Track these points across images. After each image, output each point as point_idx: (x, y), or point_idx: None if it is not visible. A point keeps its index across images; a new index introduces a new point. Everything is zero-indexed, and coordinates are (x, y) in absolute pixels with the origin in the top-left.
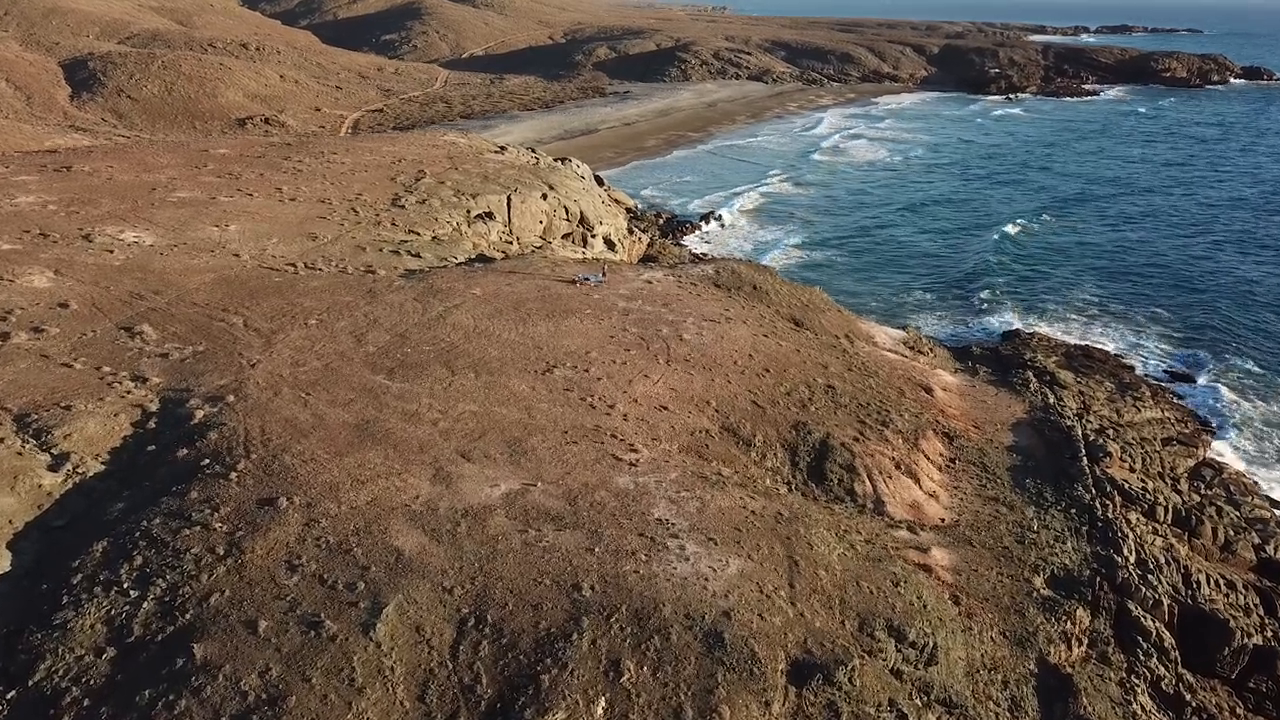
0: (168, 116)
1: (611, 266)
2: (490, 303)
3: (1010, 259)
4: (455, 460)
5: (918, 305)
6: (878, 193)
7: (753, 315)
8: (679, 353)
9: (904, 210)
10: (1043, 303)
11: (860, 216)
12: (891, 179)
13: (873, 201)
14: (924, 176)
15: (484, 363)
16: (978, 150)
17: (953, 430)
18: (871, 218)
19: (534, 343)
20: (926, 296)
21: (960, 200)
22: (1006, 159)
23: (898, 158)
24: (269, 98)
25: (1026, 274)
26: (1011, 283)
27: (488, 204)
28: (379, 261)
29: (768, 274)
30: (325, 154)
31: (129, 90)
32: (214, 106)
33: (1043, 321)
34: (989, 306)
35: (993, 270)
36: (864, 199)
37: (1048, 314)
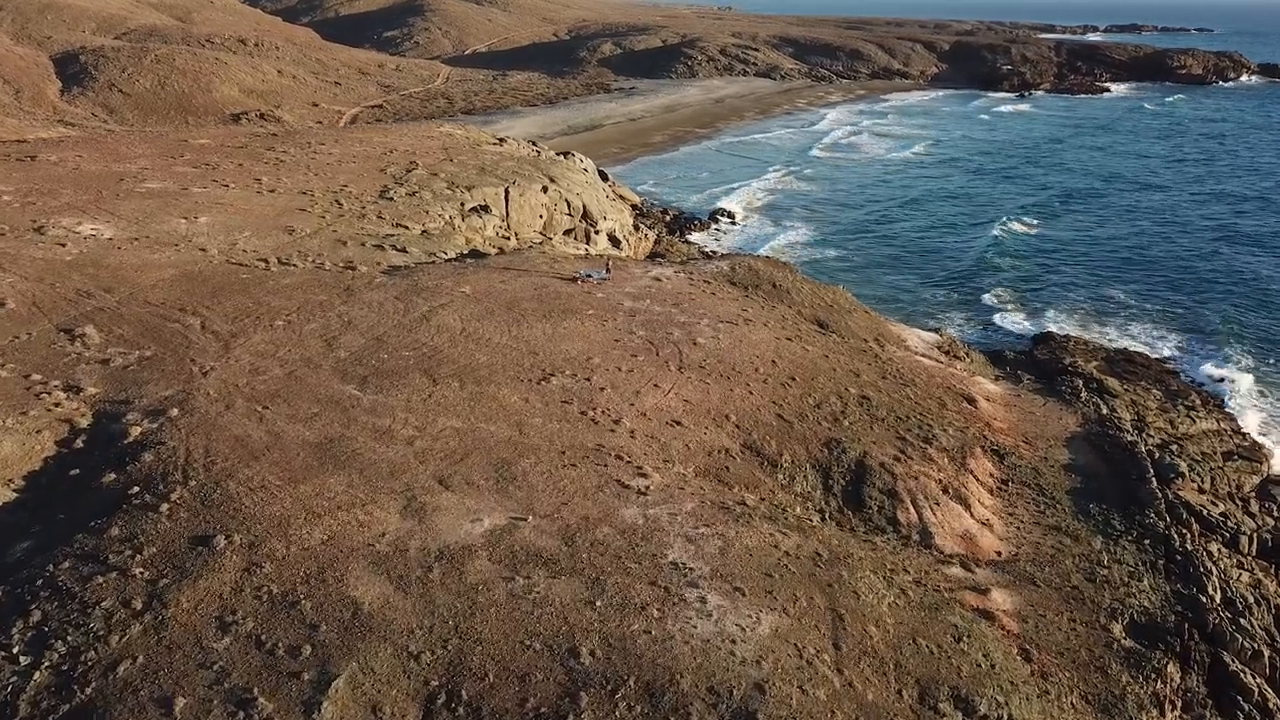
0: (160, 111)
1: (616, 262)
2: (481, 302)
3: (1024, 256)
4: (432, 488)
5: (941, 305)
6: (891, 189)
7: (774, 316)
8: (693, 359)
9: (915, 206)
10: (1064, 302)
11: (872, 213)
12: (905, 176)
13: (885, 198)
14: (939, 172)
15: (470, 370)
16: (994, 147)
17: (1002, 447)
18: (883, 214)
19: (528, 347)
20: (952, 296)
21: (972, 194)
22: (1026, 155)
23: (910, 154)
24: (265, 93)
25: (1040, 271)
26: (1027, 281)
27: (484, 197)
28: (360, 256)
29: (788, 271)
30: (312, 145)
31: (121, 85)
32: (208, 101)
33: (1069, 322)
34: (1008, 306)
35: (1004, 268)
36: (876, 195)
37: (1072, 314)
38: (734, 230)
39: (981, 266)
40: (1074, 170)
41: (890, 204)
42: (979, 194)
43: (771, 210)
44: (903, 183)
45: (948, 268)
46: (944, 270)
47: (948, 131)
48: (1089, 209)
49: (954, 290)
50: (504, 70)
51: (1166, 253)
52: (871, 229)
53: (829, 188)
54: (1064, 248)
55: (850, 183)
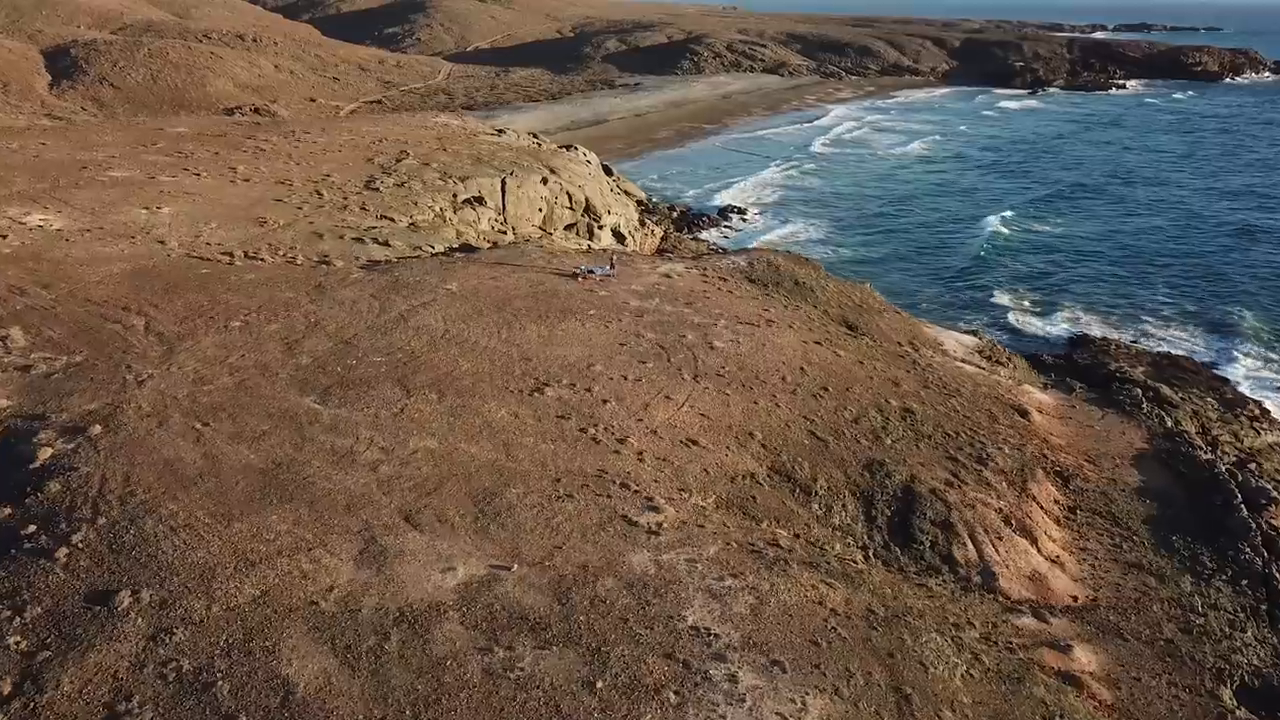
0: (152, 106)
1: (621, 257)
2: (468, 300)
3: (1043, 253)
4: (396, 526)
5: (962, 305)
6: (905, 186)
7: (798, 317)
8: (710, 365)
9: (929, 202)
10: (1082, 301)
11: (884, 210)
12: (919, 172)
13: (899, 194)
14: (954, 168)
15: (452, 379)
16: (1010, 143)
17: (1065, 468)
18: (895, 211)
19: (520, 352)
20: (972, 296)
21: (987, 189)
22: (1044, 150)
23: (925, 151)
24: (261, 88)
25: (1056, 269)
26: (1041, 279)
27: (478, 188)
28: (338, 250)
29: (810, 267)
30: (297, 134)
31: (112, 78)
32: (202, 96)
33: (1091, 322)
34: (1026, 305)
35: (1018, 264)
36: (890, 192)
37: (1092, 313)
38: (744, 227)
39: (995, 263)
40: (1093, 165)
41: (903, 200)
42: (993, 189)
43: (781, 207)
44: (917, 179)
45: (966, 265)
46: (957, 268)
47: (961, 128)
48: (1103, 205)
49: (971, 290)
50: (506, 67)
51: (1184, 248)
52: (883, 226)
53: (840, 184)
54: (1080, 244)
55: (862, 179)
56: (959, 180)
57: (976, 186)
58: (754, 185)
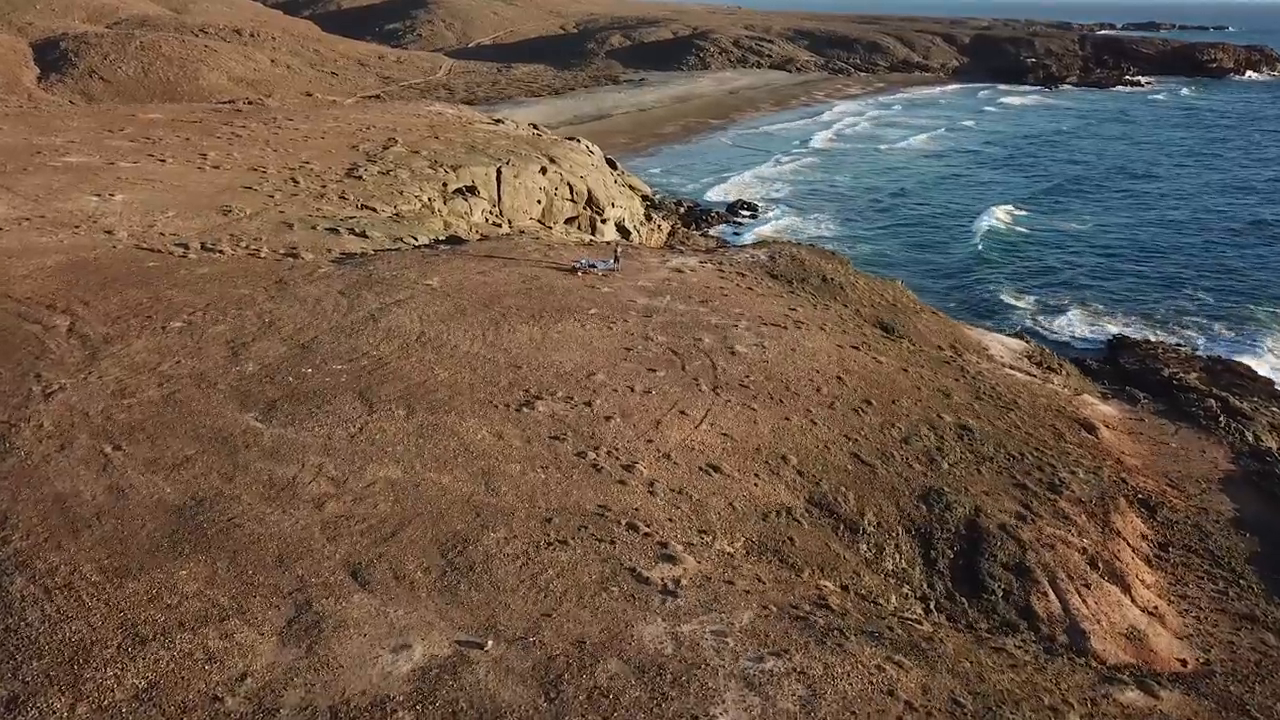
0: (142, 99)
1: (627, 250)
2: (450, 298)
3: (1067, 250)
4: (339, 585)
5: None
6: (918, 180)
7: (829, 318)
8: (732, 374)
9: (947, 197)
10: (1100, 299)
11: (900, 206)
12: (939, 167)
13: (915, 191)
14: (968, 163)
15: (425, 391)
16: (1030, 139)
17: (1148, 495)
18: (912, 207)
19: (509, 358)
20: (1003, 298)
21: (1004, 184)
22: (1070, 149)
23: (940, 147)
24: (256, 81)
25: (1074, 265)
26: (1053, 274)
27: (471, 177)
28: (308, 242)
29: (837, 262)
30: (278, 120)
31: (102, 71)
32: (194, 89)
33: (1115, 321)
34: (1051, 304)
35: (1034, 260)
36: (905, 187)
37: (1115, 313)
38: (756, 223)
39: (1006, 259)
40: (1110, 159)
41: (915, 194)
42: (1009, 183)
43: (795, 203)
44: (928, 174)
45: (977, 261)
46: (966, 264)
47: (972, 124)
48: (1116, 199)
49: (983, 286)
50: (509, 63)
51: (1198, 243)
52: (893, 220)
53: (849, 179)
54: (1091, 239)
55: (873, 174)
56: (972, 175)
57: (992, 180)
58: (762, 180)
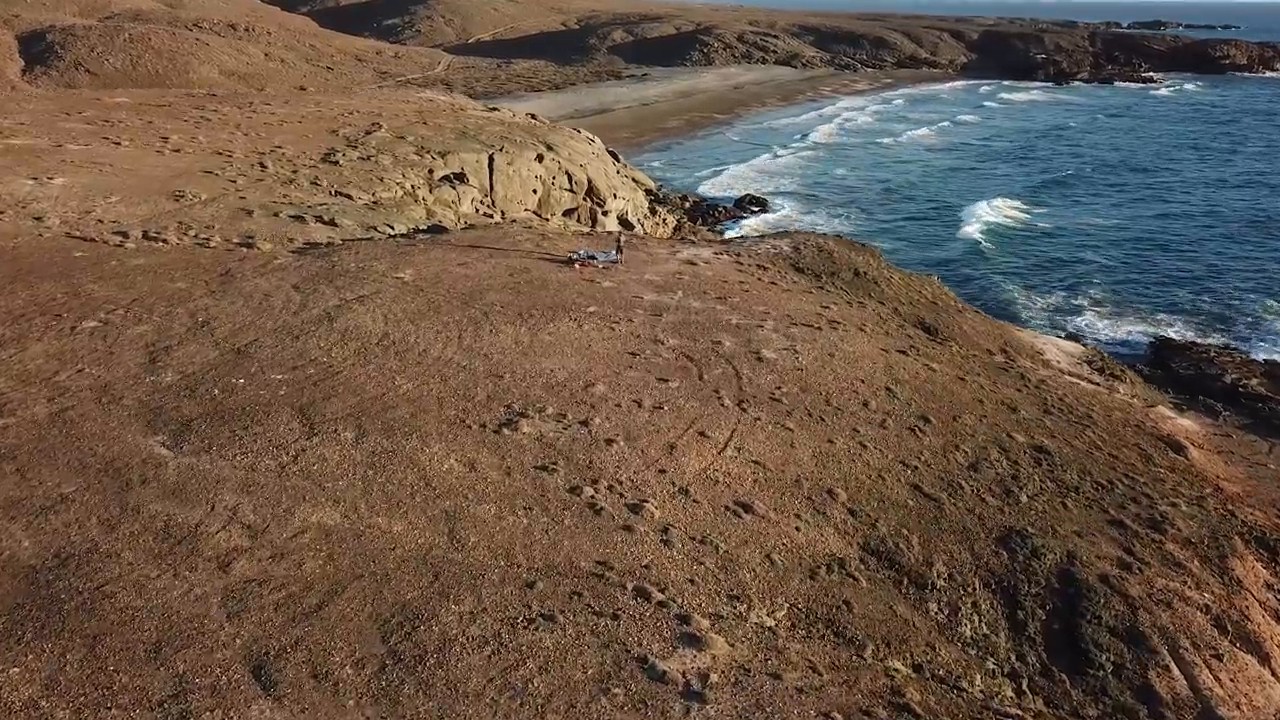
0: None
1: (632, 241)
2: (423, 293)
3: (1090, 248)
4: (232, 688)
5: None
6: (932, 174)
7: (867, 318)
8: (761, 385)
9: (967, 191)
10: (1122, 296)
11: (919, 201)
12: (950, 160)
13: (934, 184)
14: (987, 158)
15: (382, 408)
16: (1045, 134)
17: (1261, 531)
18: (930, 200)
19: (489, 365)
20: (1015, 295)
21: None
22: (1082, 143)
23: (952, 140)
24: (249, 75)
25: (1076, 259)
26: (1068, 268)
27: (461, 164)
28: (268, 230)
29: (869, 254)
30: (254, 105)
31: (88, 63)
32: (184, 83)
33: (1141, 320)
34: (1083, 302)
35: (1052, 255)
36: (925, 181)
37: (1141, 311)
38: (769, 218)
39: (1019, 254)
40: (1131, 154)
41: (928, 189)
42: (1025, 178)
43: (807, 198)
44: (959, 172)
45: (989, 255)
46: (981, 259)
47: (985, 120)
48: (1129, 194)
49: (1003, 283)
50: (509, 59)
51: (1213, 237)
52: (908, 216)
53: (866, 175)
54: (1103, 234)
55: (885, 169)
56: (985, 168)
57: (1007, 173)
58: (767, 174)
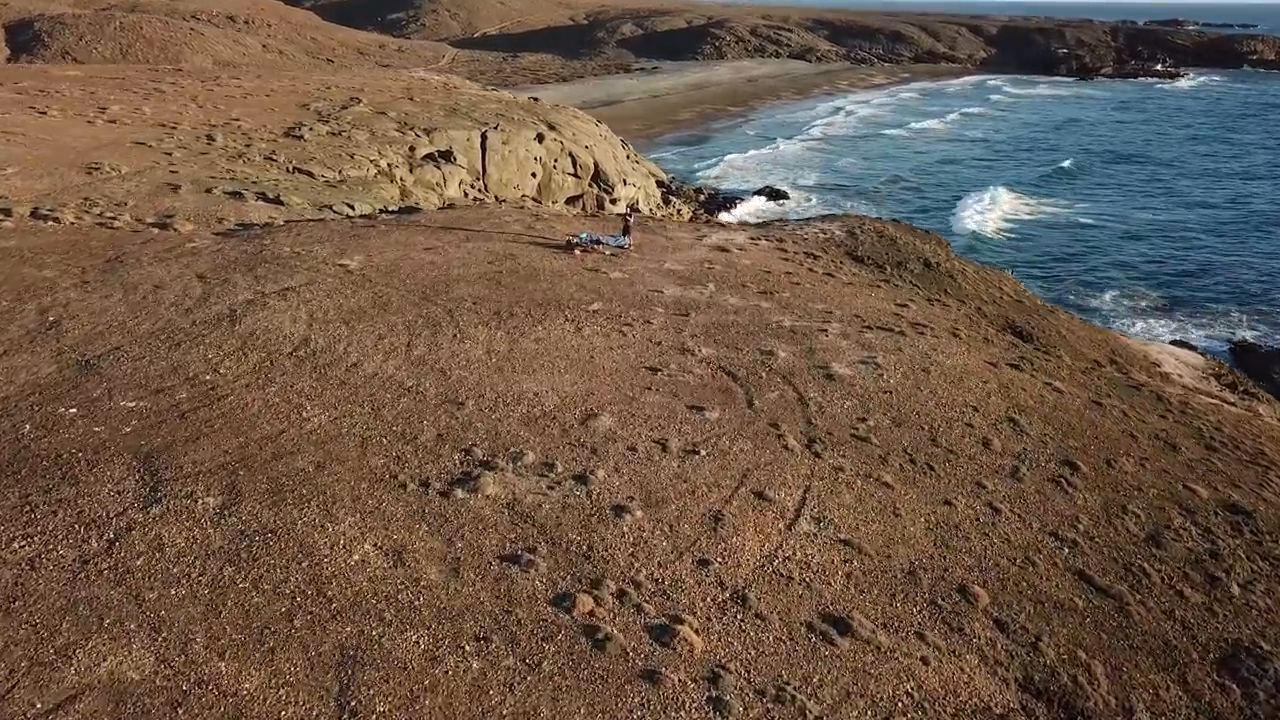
0: None
1: (646, 223)
2: (370, 285)
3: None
4: None
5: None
6: (954, 170)
7: (954, 320)
8: (836, 416)
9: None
10: (1129, 289)
11: (942, 195)
12: (983, 156)
13: (956, 178)
14: (1007, 152)
15: (271, 453)
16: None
17: None
18: (953, 197)
19: (445, 386)
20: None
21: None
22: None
23: (980, 135)
24: (244, 66)
25: (1090, 252)
26: (1075, 262)
27: (449, 142)
28: (194, 208)
29: (935, 241)
30: (221, 79)
31: (75, 52)
32: None
33: (1180, 319)
34: (1125, 302)
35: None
36: (948, 175)
37: (1175, 312)
38: (785, 212)
39: (1043, 247)
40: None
41: (960, 185)
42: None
43: (830, 190)
44: (983, 165)
45: (1007, 250)
46: (997, 251)
47: (1029, 114)
48: (1159, 189)
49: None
50: (515, 53)
51: (1241, 232)
52: (941, 211)
53: (889, 168)
54: (1120, 228)
55: (911, 161)
56: (1004, 162)
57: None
58: (793, 170)
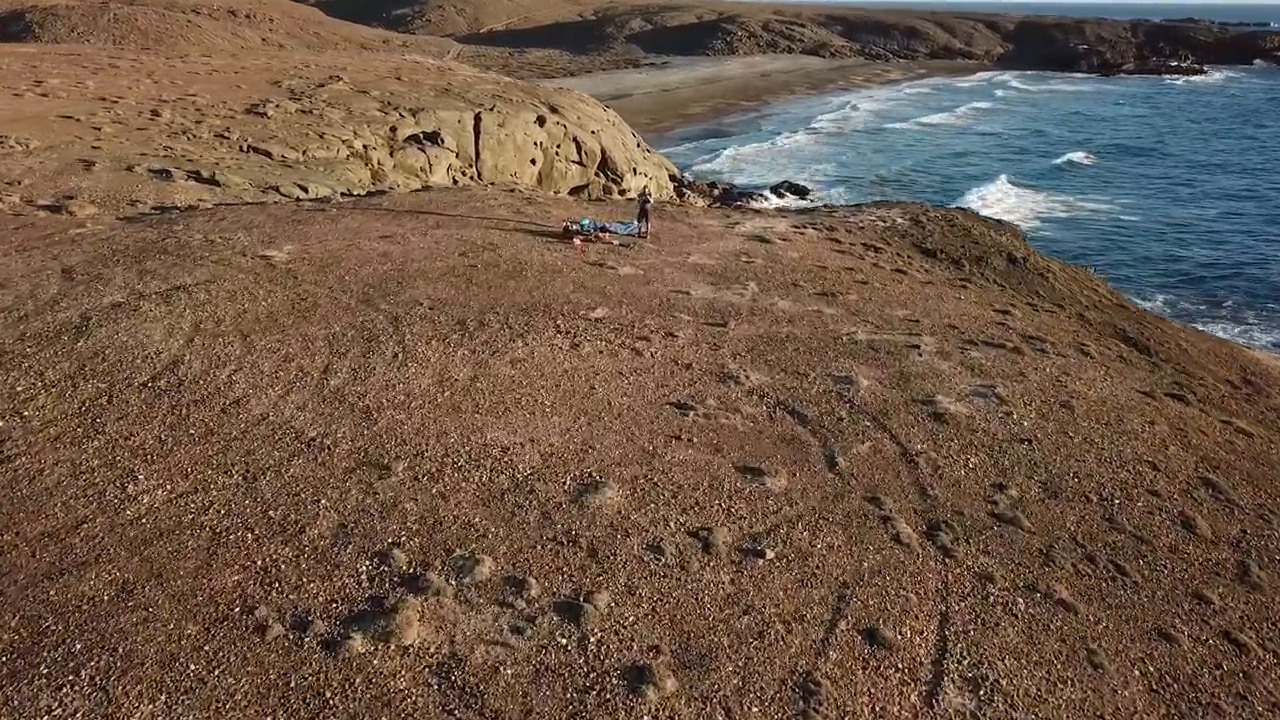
0: None
1: (663, 209)
2: (295, 282)
3: None
4: None
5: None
6: (975, 165)
7: (1067, 330)
8: (961, 484)
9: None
10: None
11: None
12: (1004, 153)
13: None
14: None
15: (49, 562)
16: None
17: None
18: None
19: (369, 434)
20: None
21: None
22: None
23: (1001, 130)
24: (241, 58)
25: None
26: None
27: (438, 123)
28: (105, 189)
29: (1011, 233)
30: (191, 58)
31: (68, 43)
32: None
33: None
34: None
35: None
36: (972, 168)
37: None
38: (803, 205)
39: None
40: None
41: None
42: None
43: (855, 186)
44: (1006, 160)
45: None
46: None
47: (1045, 109)
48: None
49: None
50: (521, 48)
51: None
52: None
53: (909, 163)
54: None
55: (928, 153)
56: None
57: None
58: (812, 166)
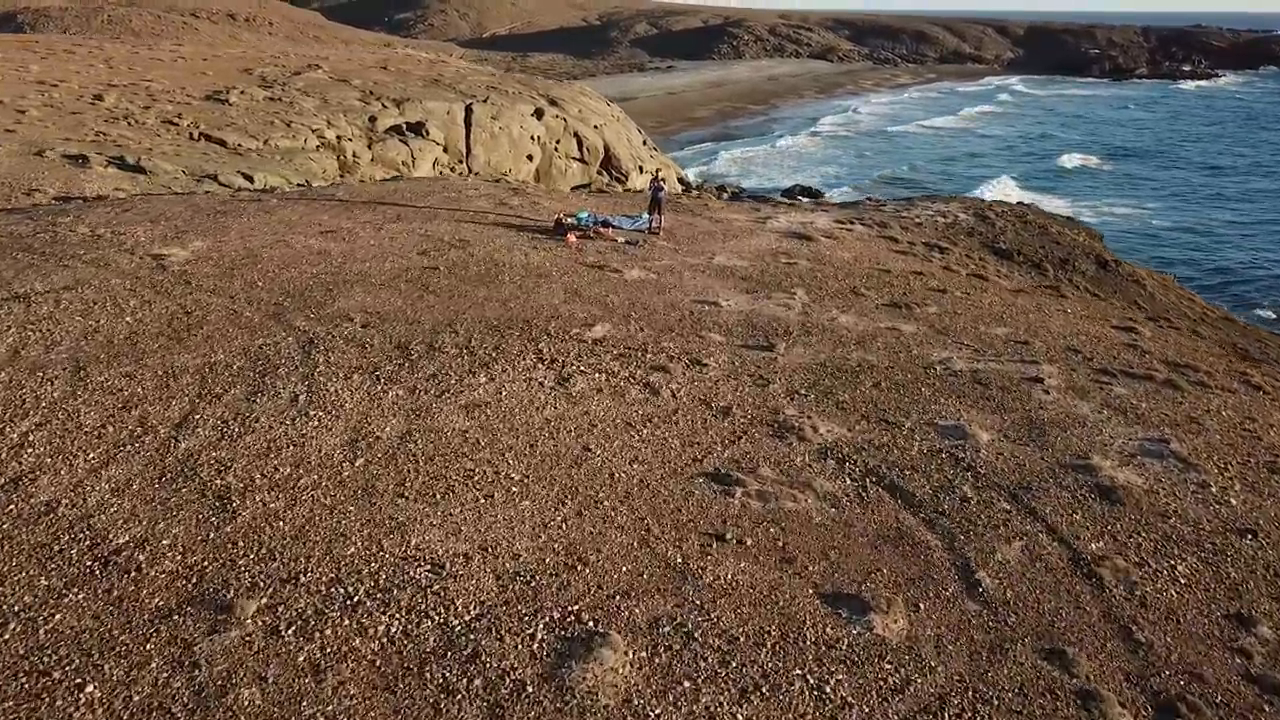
0: None
1: (678, 202)
2: (186, 290)
3: None
4: None
5: None
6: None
7: (1196, 351)
8: (1178, 615)
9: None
10: None
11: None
12: (1011, 155)
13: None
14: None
15: None
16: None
17: None
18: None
19: (217, 538)
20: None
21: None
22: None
23: (1017, 132)
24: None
25: None
26: None
27: (424, 114)
28: (3, 175)
29: (1086, 232)
30: (160, 45)
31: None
32: None
33: None
34: None
35: None
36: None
37: None
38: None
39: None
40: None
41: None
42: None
43: (861, 188)
44: (999, 154)
45: None
46: None
47: (1057, 112)
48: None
49: None
50: (525, 53)
51: None
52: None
53: (924, 168)
54: None
55: (939, 154)
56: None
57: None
58: (814, 166)
